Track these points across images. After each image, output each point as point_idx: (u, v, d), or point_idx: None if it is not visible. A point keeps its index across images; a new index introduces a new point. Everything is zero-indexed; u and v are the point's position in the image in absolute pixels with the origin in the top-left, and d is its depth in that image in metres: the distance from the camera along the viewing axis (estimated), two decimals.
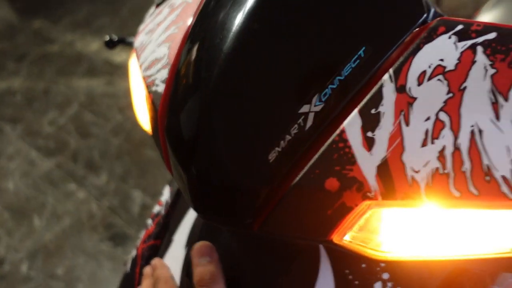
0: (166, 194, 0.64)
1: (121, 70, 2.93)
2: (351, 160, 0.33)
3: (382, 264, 0.42)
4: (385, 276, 0.42)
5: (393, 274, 0.41)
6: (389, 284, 0.41)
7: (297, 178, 0.34)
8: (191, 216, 0.56)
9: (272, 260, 0.44)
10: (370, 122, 0.33)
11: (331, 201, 0.33)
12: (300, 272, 0.43)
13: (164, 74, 0.45)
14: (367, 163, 0.32)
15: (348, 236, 0.35)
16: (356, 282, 0.42)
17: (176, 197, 0.61)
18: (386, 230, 0.34)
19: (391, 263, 0.41)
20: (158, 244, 0.58)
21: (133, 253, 0.60)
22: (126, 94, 2.70)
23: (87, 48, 3.39)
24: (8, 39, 3.90)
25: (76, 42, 3.51)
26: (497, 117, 0.30)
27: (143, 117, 0.51)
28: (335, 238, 0.35)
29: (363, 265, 0.42)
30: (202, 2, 0.45)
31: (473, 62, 0.32)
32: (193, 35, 0.42)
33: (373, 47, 0.35)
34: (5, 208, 2.09)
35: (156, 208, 0.63)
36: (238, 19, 0.38)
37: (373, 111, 0.33)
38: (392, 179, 0.32)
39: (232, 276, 0.45)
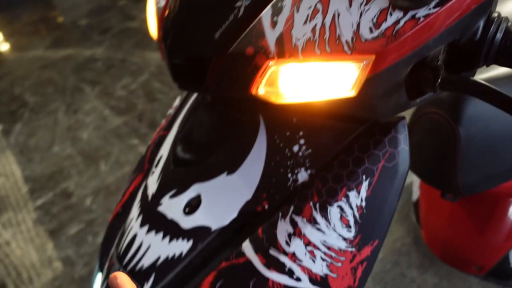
0: (177, 101, 0.83)
1: None
2: (262, 34, 0.49)
3: (301, 133, 0.57)
4: (302, 141, 0.57)
5: (307, 139, 0.56)
6: (303, 147, 0.56)
7: (231, 49, 0.51)
8: (185, 108, 0.74)
9: (227, 126, 0.61)
10: (276, 11, 0.49)
11: (249, 62, 0.50)
12: (245, 134, 0.59)
13: None
14: (271, 36, 0.48)
15: (262, 90, 0.51)
16: (281, 145, 0.57)
17: (182, 101, 0.79)
18: (282, 81, 0.50)
19: (307, 132, 0.56)
20: (166, 134, 0.76)
21: (149, 142, 0.80)
22: None
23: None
24: (96, 15, 4.35)
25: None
26: (350, 5, 0.45)
27: (153, 29, 0.69)
28: (254, 91, 0.51)
29: (287, 133, 0.57)
30: None
31: None
32: None
33: None
34: (78, 153, 2.42)
35: (169, 111, 0.82)
36: None
37: (279, 4, 0.49)
38: (284, 45, 0.47)
39: (205, 139, 0.63)
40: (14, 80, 3.53)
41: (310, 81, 0.48)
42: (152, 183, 0.64)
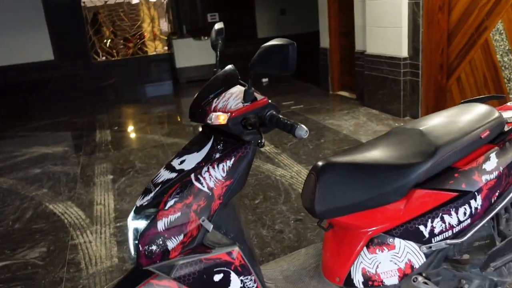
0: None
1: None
2: (210, 107, 1.36)
3: (221, 143, 1.39)
4: (221, 145, 1.38)
5: (223, 144, 1.38)
6: (221, 147, 1.38)
7: (205, 111, 1.38)
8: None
9: (203, 137, 1.45)
10: (218, 101, 1.37)
11: (206, 114, 1.36)
12: (206, 140, 1.42)
13: None
14: (212, 107, 1.35)
15: (209, 121, 1.36)
16: (215, 145, 1.38)
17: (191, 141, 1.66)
18: (213, 118, 1.34)
19: (223, 142, 1.38)
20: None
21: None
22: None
23: None
24: None
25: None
26: (233, 98, 1.31)
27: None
28: (206, 121, 1.36)
29: (217, 142, 1.39)
30: None
31: None
32: None
33: None
34: None
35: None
36: None
37: (220, 97, 1.37)
38: (213, 108, 1.33)
39: (194, 141, 1.47)
40: (131, 151, 4.76)
41: (217, 118, 1.31)
42: (172, 159, 1.48)
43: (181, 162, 1.41)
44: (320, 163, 1.54)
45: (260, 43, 1.33)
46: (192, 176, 1.34)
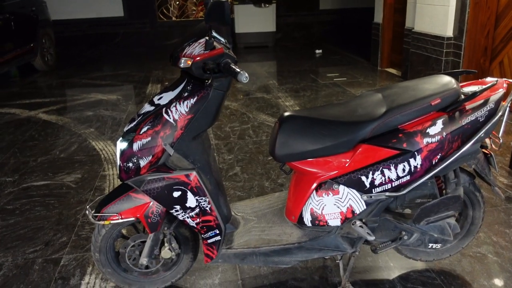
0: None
1: None
2: (182, 50, 1.61)
3: (191, 84, 1.65)
4: (189, 86, 1.65)
5: (191, 87, 1.64)
6: (189, 88, 1.64)
7: (181, 54, 1.64)
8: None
9: (179, 79, 1.71)
10: (189, 49, 1.62)
11: (179, 58, 1.62)
12: (180, 82, 1.69)
13: None
14: (185, 52, 1.60)
15: (181, 65, 1.62)
16: (185, 86, 1.66)
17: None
18: (182, 62, 1.59)
19: (192, 86, 1.64)
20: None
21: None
22: None
23: (284, 103, 4.99)
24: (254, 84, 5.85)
25: (279, 98, 5.17)
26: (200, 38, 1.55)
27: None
28: (178, 65, 1.63)
29: (189, 83, 1.66)
30: None
31: None
32: None
33: None
34: None
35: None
36: None
37: (190, 45, 1.62)
38: (184, 54, 1.59)
39: (173, 82, 1.75)
40: None
41: (185, 62, 1.56)
42: (155, 95, 1.77)
43: (160, 98, 1.69)
44: (284, 114, 1.77)
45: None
46: (164, 109, 1.62)
